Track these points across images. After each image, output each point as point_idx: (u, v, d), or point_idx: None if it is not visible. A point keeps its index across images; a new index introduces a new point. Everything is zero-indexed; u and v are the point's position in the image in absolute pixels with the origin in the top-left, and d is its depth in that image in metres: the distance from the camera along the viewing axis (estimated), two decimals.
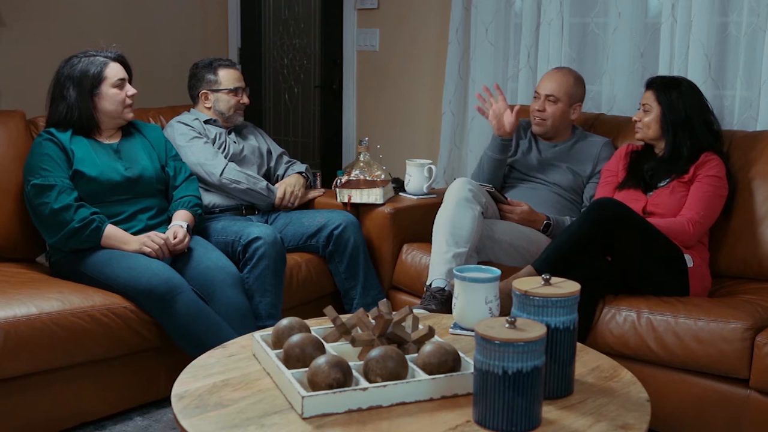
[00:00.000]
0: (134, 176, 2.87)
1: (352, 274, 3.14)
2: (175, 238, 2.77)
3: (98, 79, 2.84)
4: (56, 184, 2.71)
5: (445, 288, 2.74)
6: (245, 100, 3.37)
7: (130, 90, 2.91)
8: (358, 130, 4.56)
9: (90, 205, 2.74)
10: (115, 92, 2.87)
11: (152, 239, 2.73)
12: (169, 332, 2.62)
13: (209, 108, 3.33)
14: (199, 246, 2.85)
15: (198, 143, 3.20)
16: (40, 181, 2.72)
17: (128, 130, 3.00)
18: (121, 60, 2.93)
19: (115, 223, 2.78)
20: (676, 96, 2.88)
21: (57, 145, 2.78)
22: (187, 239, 2.80)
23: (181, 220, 2.87)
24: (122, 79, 2.89)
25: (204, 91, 3.32)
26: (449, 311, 2.59)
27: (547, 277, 1.76)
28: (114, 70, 2.88)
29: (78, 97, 2.83)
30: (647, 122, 2.92)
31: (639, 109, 2.96)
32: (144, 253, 2.71)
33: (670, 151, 2.89)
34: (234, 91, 3.32)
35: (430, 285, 2.79)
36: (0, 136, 2.96)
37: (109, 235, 2.73)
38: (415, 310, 2.60)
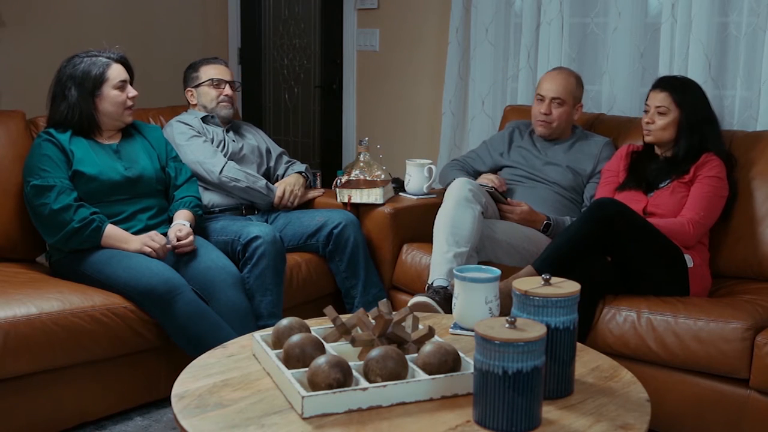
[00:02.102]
0: (134, 176, 2.87)
1: (353, 273, 3.14)
2: (179, 232, 2.77)
3: (100, 80, 2.84)
4: (56, 184, 2.70)
5: (447, 287, 2.74)
6: (228, 91, 3.34)
7: (131, 92, 2.91)
8: (358, 130, 4.56)
9: (90, 205, 2.74)
10: (116, 94, 2.86)
11: (153, 239, 2.73)
12: (169, 332, 2.62)
13: (195, 105, 3.35)
14: (200, 246, 2.85)
15: (197, 142, 3.20)
16: (39, 182, 2.72)
17: (128, 130, 3.00)
18: (124, 61, 2.93)
19: (115, 223, 2.78)
20: (693, 98, 2.87)
21: (56, 146, 2.78)
22: (191, 237, 2.80)
23: (183, 219, 2.87)
24: (124, 81, 2.89)
25: (188, 89, 3.36)
26: (450, 310, 2.59)
27: (547, 277, 1.76)
28: (116, 72, 2.87)
29: (79, 97, 2.82)
30: (663, 125, 2.88)
31: (647, 110, 2.92)
32: (144, 253, 2.71)
33: (685, 153, 2.87)
34: (214, 84, 3.31)
35: (432, 284, 2.79)
36: (0, 136, 2.96)
37: (110, 234, 2.73)
38: (418, 298, 2.61)
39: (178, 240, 2.77)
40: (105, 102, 2.86)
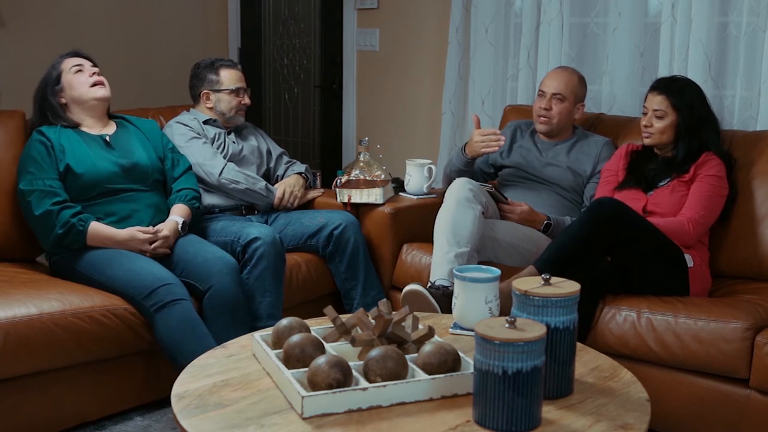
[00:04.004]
0: (128, 165, 2.85)
1: (353, 275, 3.14)
2: (159, 232, 2.76)
3: (57, 75, 2.88)
4: (37, 189, 2.71)
5: (449, 287, 2.74)
6: (246, 100, 3.37)
7: (90, 70, 2.91)
8: (358, 130, 4.56)
9: (74, 204, 2.72)
10: (74, 77, 2.88)
11: (143, 241, 2.73)
12: (157, 337, 2.58)
13: (210, 108, 3.33)
14: (196, 242, 2.86)
15: (197, 143, 3.20)
16: (24, 186, 2.74)
17: (122, 123, 3.00)
18: (76, 53, 2.95)
19: (114, 221, 2.77)
20: (689, 100, 2.86)
21: (45, 145, 2.78)
22: (167, 243, 2.78)
23: (177, 215, 2.87)
24: (79, 65, 2.90)
25: (205, 91, 3.32)
26: (448, 309, 2.59)
27: (547, 277, 1.76)
28: (68, 62, 2.91)
29: (48, 101, 2.88)
30: (661, 128, 2.88)
31: (645, 113, 2.92)
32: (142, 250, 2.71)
33: (683, 156, 2.87)
34: (235, 92, 3.32)
35: (433, 284, 2.79)
36: (0, 136, 2.96)
37: (93, 236, 2.71)
38: (411, 287, 2.65)
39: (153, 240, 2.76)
40: (67, 90, 2.88)
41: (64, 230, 2.67)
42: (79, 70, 2.89)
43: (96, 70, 2.92)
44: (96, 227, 2.72)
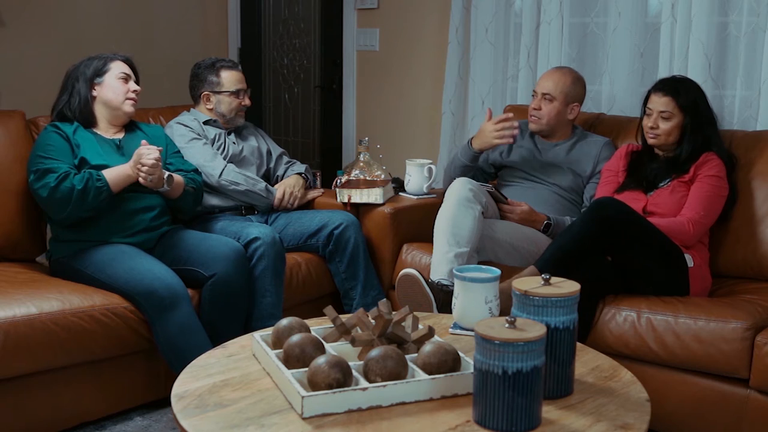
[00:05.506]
0: None
1: (352, 274, 3.14)
2: (155, 151, 2.72)
3: (102, 69, 2.89)
4: (56, 168, 2.71)
5: (449, 286, 2.74)
6: (247, 102, 3.37)
7: (133, 86, 2.93)
8: (358, 130, 4.56)
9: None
10: (118, 83, 2.89)
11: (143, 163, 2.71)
12: (157, 338, 2.59)
13: (210, 109, 3.33)
14: (198, 233, 2.88)
15: (197, 144, 3.20)
16: (40, 167, 2.73)
17: (131, 128, 3.01)
18: (129, 61, 2.98)
19: (117, 221, 2.78)
20: (694, 100, 2.86)
21: (61, 136, 2.80)
22: (155, 159, 2.72)
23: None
24: (127, 74, 2.92)
25: (206, 92, 3.32)
26: (444, 308, 2.59)
27: (547, 277, 1.76)
28: (120, 66, 2.92)
29: (80, 85, 2.87)
30: (668, 129, 2.87)
31: (649, 114, 2.90)
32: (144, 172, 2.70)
33: (688, 153, 2.87)
34: (235, 94, 3.32)
35: (434, 282, 2.78)
36: (0, 136, 2.96)
37: (112, 179, 2.72)
38: (406, 271, 2.65)
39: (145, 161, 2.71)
40: (105, 89, 2.88)
41: (84, 184, 2.67)
42: (124, 80, 2.91)
43: (137, 89, 2.94)
44: (109, 171, 2.74)
